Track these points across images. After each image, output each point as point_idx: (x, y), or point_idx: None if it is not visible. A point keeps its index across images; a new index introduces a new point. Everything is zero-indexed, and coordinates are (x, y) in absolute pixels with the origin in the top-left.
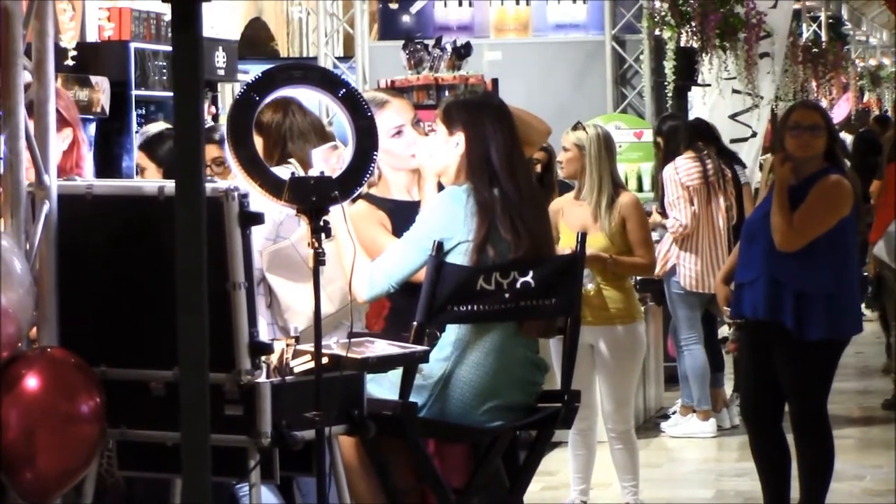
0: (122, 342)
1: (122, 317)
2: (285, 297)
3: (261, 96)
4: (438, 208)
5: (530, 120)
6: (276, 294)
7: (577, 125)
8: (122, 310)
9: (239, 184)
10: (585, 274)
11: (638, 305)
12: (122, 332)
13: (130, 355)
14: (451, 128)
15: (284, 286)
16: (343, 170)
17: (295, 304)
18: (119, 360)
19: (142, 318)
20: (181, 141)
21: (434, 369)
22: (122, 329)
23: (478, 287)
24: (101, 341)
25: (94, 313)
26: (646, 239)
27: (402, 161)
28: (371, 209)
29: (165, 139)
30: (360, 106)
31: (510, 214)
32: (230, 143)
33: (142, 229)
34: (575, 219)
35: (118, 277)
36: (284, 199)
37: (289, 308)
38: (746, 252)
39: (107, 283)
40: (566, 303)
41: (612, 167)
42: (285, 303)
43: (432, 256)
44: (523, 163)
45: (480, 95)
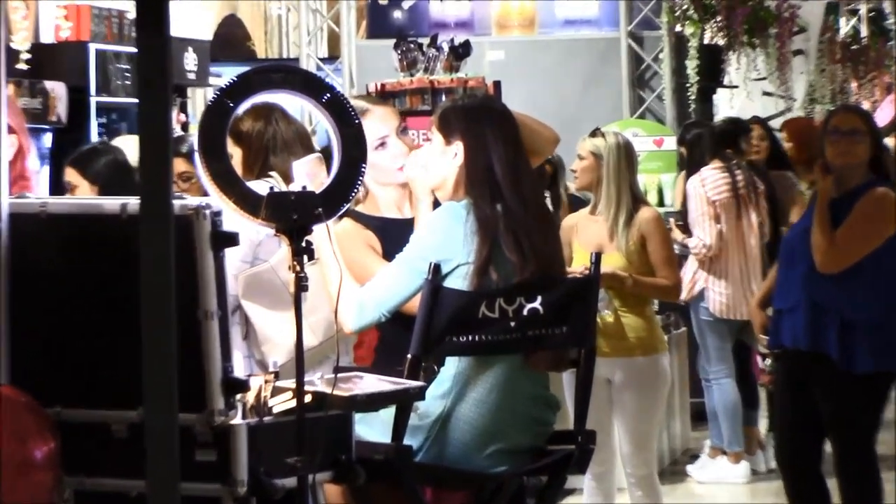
0: (80, 379)
1: (80, 350)
2: (263, 327)
3: (235, 102)
4: (434, 226)
5: (537, 127)
6: (254, 324)
7: (595, 132)
8: (79, 342)
9: (211, 200)
10: (601, 298)
11: (661, 334)
12: (80, 368)
13: (89, 394)
14: (449, 136)
15: (262, 315)
16: (328, 184)
17: (274, 335)
18: (76, 400)
19: (102, 351)
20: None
21: (431, 408)
22: (79, 364)
23: (479, 315)
24: (56, 378)
25: (49, 347)
26: (669, 258)
27: (388, 175)
28: (358, 228)
29: (100, 154)
30: (346, 112)
31: (515, 232)
32: (202, 155)
33: (102, 252)
34: (589, 236)
35: (76, 306)
36: (262, 216)
37: (267, 339)
38: (785, 274)
39: (63, 313)
40: (579, 331)
41: (632, 179)
42: (263, 334)
43: (428, 280)
44: (529, 175)
45: (481, 100)
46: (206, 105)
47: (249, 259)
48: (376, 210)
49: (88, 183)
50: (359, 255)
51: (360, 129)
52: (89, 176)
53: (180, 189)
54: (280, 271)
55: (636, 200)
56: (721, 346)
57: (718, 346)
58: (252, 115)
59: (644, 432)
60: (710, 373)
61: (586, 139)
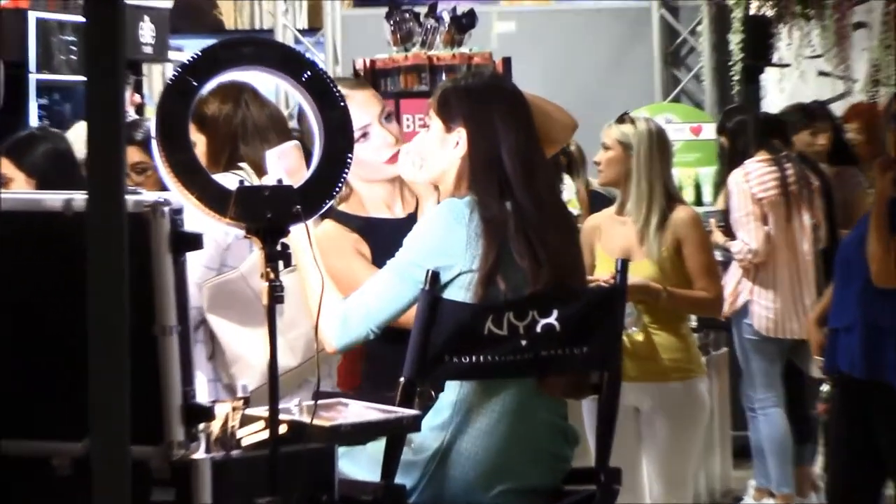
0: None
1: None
2: (232, 345)
3: (200, 81)
4: (432, 228)
5: (552, 111)
6: (220, 341)
7: (622, 117)
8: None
9: (170, 196)
10: (628, 313)
11: (698, 355)
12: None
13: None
14: (449, 122)
15: (231, 331)
16: (308, 177)
17: (245, 355)
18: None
19: (41, 373)
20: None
21: (428, 440)
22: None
23: (485, 331)
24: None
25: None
26: (709, 266)
27: (373, 170)
28: (342, 230)
29: (38, 141)
30: (330, 93)
31: (527, 235)
32: (160, 143)
33: (42, 255)
34: (615, 240)
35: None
36: (230, 215)
37: (236, 360)
38: (840, 288)
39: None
40: (602, 352)
41: (665, 174)
42: (232, 353)
43: (425, 291)
44: (544, 167)
45: (488, 79)
46: (165, 84)
47: (215, 265)
48: (362, 209)
49: (25, 175)
50: (343, 261)
51: (345, 113)
52: (25, 167)
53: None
54: (251, 280)
55: (670, 198)
56: (768, 370)
57: (765, 369)
58: (218, 96)
59: (678, 470)
60: (755, 401)
61: (612, 126)
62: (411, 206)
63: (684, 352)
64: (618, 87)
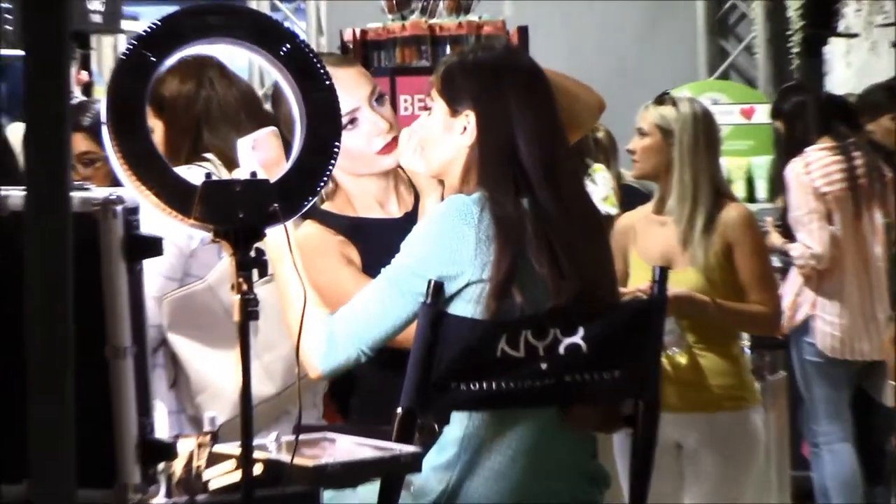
0: None
1: None
2: (198, 369)
3: (160, 56)
4: (435, 230)
5: (577, 90)
6: (184, 366)
7: (662, 97)
8: None
9: (124, 192)
10: (669, 330)
11: (751, 381)
12: None
13: None
14: (455, 104)
15: (196, 353)
16: (287, 170)
17: (213, 382)
18: None
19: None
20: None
21: (431, 482)
22: None
23: (498, 352)
24: None
25: None
26: (764, 275)
27: (364, 162)
28: (327, 233)
29: None
30: (313, 71)
31: (548, 238)
32: (111, 130)
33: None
34: (653, 244)
35: None
36: (195, 215)
37: (203, 387)
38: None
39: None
40: (637, 377)
41: (712, 164)
42: (198, 379)
43: (426, 305)
44: (567, 157)
45: (500, 53)
46: (117, 60)
47: (178, 275)
48: (350, 209)
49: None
50: (329, 270)
51: (332, 94)
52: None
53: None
54: (220, 292)
55: (718, 194)
56: (834, 398)
57: (830, 397)
58: (177, 74)
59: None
60: (818, 435)
61: (649, 108)
62: (409, 205)
63: (735, 377)
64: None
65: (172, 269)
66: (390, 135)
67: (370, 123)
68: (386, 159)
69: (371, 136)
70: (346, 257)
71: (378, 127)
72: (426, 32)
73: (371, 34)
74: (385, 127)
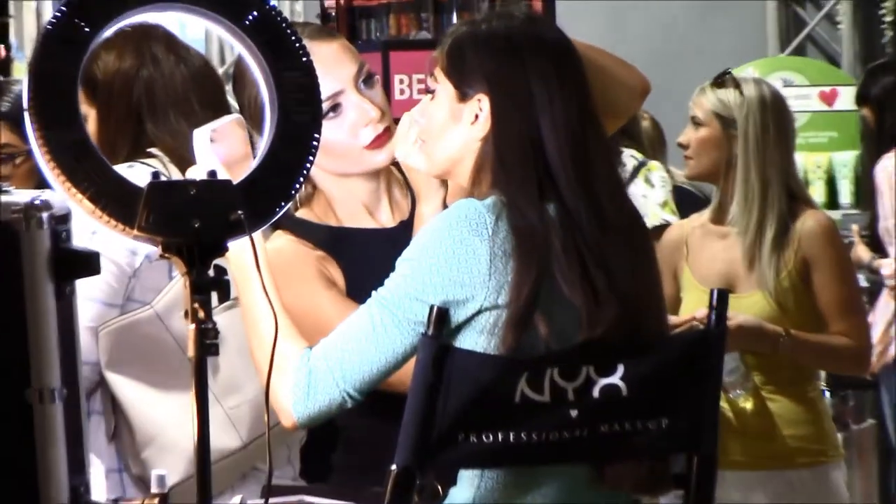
0: None
1: None
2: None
3: (94, 27)
4: (439, 243)
5: (615, 69)
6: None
7: (722, 77)
8: None
9: (52, 196)
10: (731, 369)
11: (833, 430)
12: None
13: None
14: (465, 86)
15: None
16: (254, 168)
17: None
18: None
19: None
20: None
21: None
22: None
23: (517, 396)
24: None
25: None
26: (849, 300)
27: (348, 159)
28: (303, 247)
29: None
30: (286, 44)
31: (580, 254)
32: (35, 118)
33: None
34: (711, 261)
35: None
36: (140, 224)
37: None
38: None
39: None
40: (690, 426)
41: (785, 162)
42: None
43: (428, 337)
44: (605, 151)
45: (520, 23)
46: (42, 30)
47: (118, 301)
48: (332, 217)
49: None
50: (306, 293)
51: (309, 74)
52: None
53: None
54: (170, 321)
55: (793, 198)
56: None
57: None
58: (115, 48)
59: None
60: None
61: (706, 91)
62: (404, 212)
63: (813, 425)
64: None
65: (111, 293)
66: (382, 125)
67: (357, 111)
68: (376, 155)
69: (358, 127)
70: (327, 277)
71: (366, 115)
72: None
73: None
74: (375, 115)
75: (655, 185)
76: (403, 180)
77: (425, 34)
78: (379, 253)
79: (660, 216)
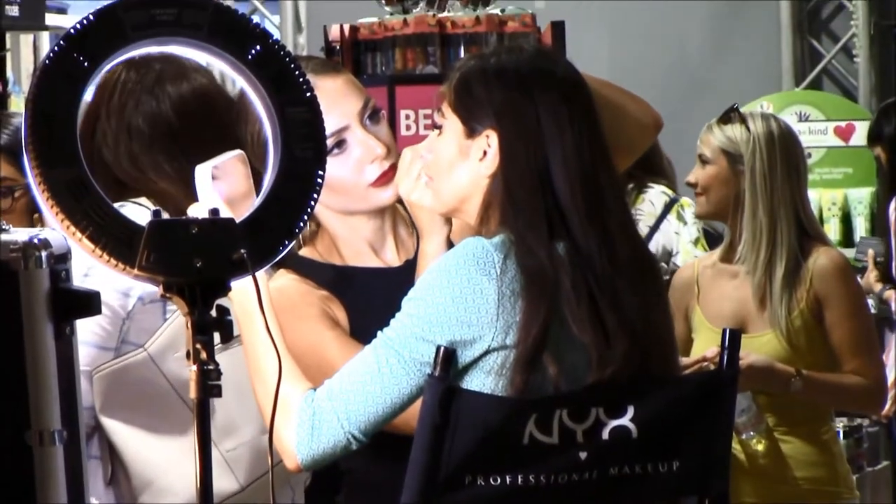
0: None
1: None
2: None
3: (94, 61)
4: (446, 283)
5: (627, 104)
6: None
7: (729, 113)
8: None
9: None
10: (743, 409)
11: (847, 472)
12: None
13: None
14: (473, 122)
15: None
16: (257, 206)
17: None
18: None
19: None
20: None
21: None
22: None
23: (525, 438)
24: None
25: None
26: (863, 339)
27: (353, 197)
28: (307, 287)
29: None
30: (289, 79)
31: (590, 293)
32: (32, 156)
33: None
34: (722, 301)
35: None
36: (140, 264)
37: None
38: None
39: None
40: (701, 469)
41: (796, 197)
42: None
43: (434, 378)
44: (615, 189)
45: (530, 58)
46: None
47: (112, 343)
48: (336, 255)
49: None
50: (310, 333)
51: (313, 110)
52: None
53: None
54: (164, 363)
55: (805, 235)
56: None
57: None
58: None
59: None
60: None
61: (713, 128)
62: (410, 250)
63: (826, 467)
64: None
65: (105, 337)
66: (387, 161)
67: (362, 147)
68: (382, 193)
69: (363, 164)
70: (331, 316)
71: (372, 152)
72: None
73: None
74: (381, 152)
75: (688, 222)
76: (409, 218)
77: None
78: (384, 293)
79: (692, 253)
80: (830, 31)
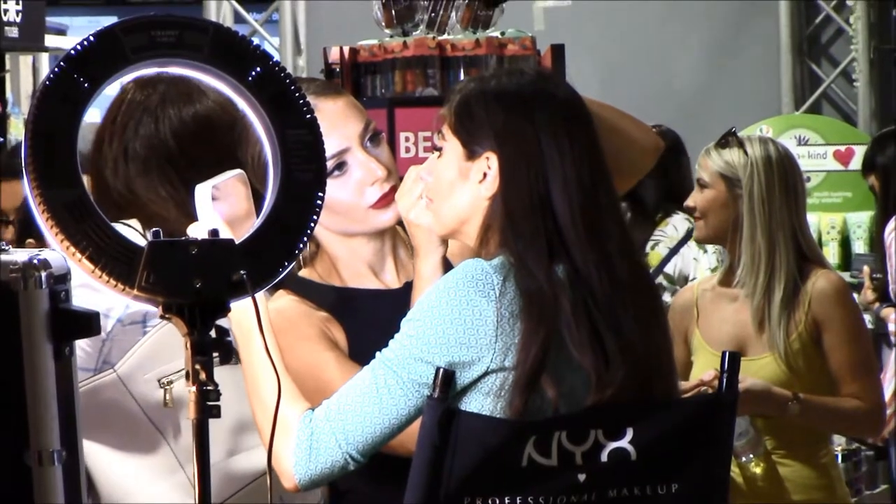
0: None
1: None
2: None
3: (94, 83)
4: (445, 304)
5: (627, 127)
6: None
7: (727, 137)
8: None
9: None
10: (741, 433)
11: (845, 496)
12: None
13: None
14: (473, 144)
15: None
16: (257, 227)
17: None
18: None
19: None
20: None
21: None
22: None
23: (524, 460)
24: None
25: None
26: (861, 362)
27: (353, 219)
28: (306, 308)
29: None
30: (289, 100)
31: (590, 316)
32: (32, 177)
33: None
34: (721, 324)
35: None
36: (139, 284)
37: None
38: None
39: None
40: (700, 492)
41: (796, 222)
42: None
43: (433, 399)
44: (615, 212)
45: (529, 79)
46: (40, 85)
47: (93, 364)
48: (335, 277)
49: None
50: (309, 354)
51: (313, 132)
52: None
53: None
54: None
55: (804, 259)
56: None
57: None
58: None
59: None
60: None
61: (710, 152)
62: (410, 273)
63: (825, 491)
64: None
65: (84, 358)
66: (388, 184)
67: (363, 169)
68: (382, 215)
69: (363, 186)
70: (330, 338)
71: (373, 174)
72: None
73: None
74: (382, 174)
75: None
76: (409, 240)
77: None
78: (383, 314)
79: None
80: (830, 55)
